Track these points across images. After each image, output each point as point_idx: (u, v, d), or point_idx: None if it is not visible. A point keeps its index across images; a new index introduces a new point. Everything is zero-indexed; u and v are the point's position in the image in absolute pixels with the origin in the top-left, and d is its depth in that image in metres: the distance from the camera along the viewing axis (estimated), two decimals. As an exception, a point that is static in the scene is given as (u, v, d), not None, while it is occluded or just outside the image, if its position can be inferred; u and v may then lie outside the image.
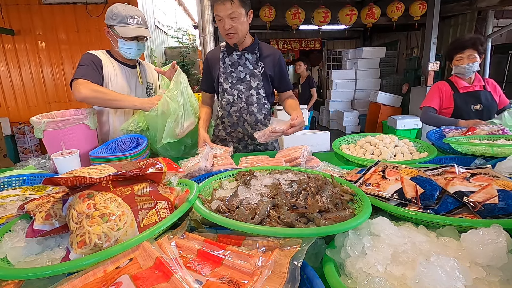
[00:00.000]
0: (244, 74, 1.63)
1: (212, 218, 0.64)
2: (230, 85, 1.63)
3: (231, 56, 1.62)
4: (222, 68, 1.64)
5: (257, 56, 1.64)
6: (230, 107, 1.65)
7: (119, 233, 0.57)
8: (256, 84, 1.65)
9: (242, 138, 1.72)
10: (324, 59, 8.68)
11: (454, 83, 2.01)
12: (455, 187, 0.74)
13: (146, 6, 5.34)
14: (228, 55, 1.63)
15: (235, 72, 1.63)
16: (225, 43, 1.64)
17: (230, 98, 1.64)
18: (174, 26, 7.29)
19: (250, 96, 1.65)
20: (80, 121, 1.29)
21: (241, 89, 1.64)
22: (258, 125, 1.69)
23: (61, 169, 1.11)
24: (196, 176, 1.11)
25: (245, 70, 1.63)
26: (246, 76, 1.63)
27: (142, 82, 1.70)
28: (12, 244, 0.62)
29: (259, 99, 1.67)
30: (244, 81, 1.64)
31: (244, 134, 1.71)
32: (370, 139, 1.45)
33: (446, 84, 2.04)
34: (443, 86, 2.04)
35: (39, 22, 4.41)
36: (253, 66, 1.64)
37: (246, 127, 1.68)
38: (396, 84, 6.91)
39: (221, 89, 1.66)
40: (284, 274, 0.47)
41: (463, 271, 0.47)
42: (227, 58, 1.63)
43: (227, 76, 1.64)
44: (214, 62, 1.67)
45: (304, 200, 0.73)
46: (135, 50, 1.55)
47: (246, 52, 1.62)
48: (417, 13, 4.97)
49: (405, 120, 5.21)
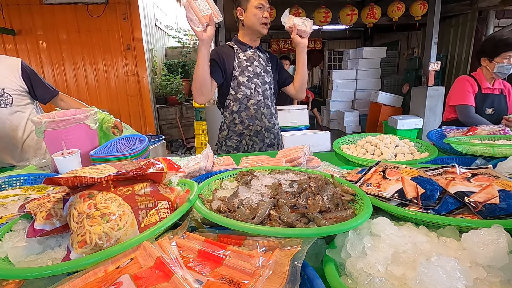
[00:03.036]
0: (260, 69, 1.71)
1: (213, 218, 0.64)
2: (247, 78, 1.68)
3: (245, 52, 1.69)
4: (236, 62, 1.67)
5: (266, 55, 1.79)
6: (248, 100, 1.69)
7: (119, 233, 0.57)
8: (269, 79, 1.76)
9: (260, 131, 1.75)
10: (324, 59, 8.67)
11: (479, 81, 1.92)
12: (455, 187, 0.74)
13: (147, 6, 5.34)
14: (242, 51, 1.69)
15: (251, 66, 1.69)
16: (234, 41, 1.73)
17: (248, 91, 1.68)
18: (174, 26, 7.30)
19: (266, 90, 1.73)
20: (81, 121, 1.29)
21: (258, 83, 1.70)
22: (273, 119, 1.79)
23: (61, 169, 1.11)
24: (197, 176, 1.11)
25: (260, 65, 1.71)
26: (261, 71, 1.71)
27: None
28: (13, 244, 0.62)
29: (271, 94, 1.78)
30: (260, 76, 1.71)
31: (261, 127, 1.74)
32: (371, 139, 1.45)
33: (474, 81, 1.95)
34: (473, 83, 1.94)
35: (40, 22, 4.42)
36: (265, 63, 1.75)
37: (264, 120, 1.73)
38: (396, 84, 6.90)
39: (236, 83, 1.68)
40: (284, 274, 0.47)
41: (464, 272, 0.47)
42: (241, 53, 1.69)
43: (243, 70, 1.67)
44: (226, 56, 1.68)
45: (305, 200, 0.73)
46: None
47: (258, 50, 1.75)
48: (417, 13, 4.96)
49: (406, 120, 5.20)
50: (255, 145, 1.76)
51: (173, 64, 6.19)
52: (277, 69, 1.83)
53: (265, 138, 1.77)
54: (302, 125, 4.23)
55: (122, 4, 4.56)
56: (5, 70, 1.54)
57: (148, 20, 5.34)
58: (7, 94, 1.52)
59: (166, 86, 5.53)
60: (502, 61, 1.84)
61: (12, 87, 1.54)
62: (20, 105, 1.59)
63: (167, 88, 5.54)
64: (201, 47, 1.44)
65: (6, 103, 1.52)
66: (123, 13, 4.59)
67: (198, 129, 4.61)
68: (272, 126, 1.78)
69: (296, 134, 3.78)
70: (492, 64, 1.88)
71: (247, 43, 1.71)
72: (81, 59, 4.69)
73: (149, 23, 5.37)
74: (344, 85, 6.94)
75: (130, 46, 4.74)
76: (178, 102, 5.62)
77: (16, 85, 1.56)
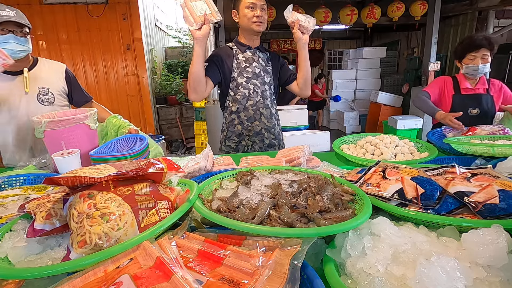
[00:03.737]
0: (259, 69, 1.70)
1: (213, 218, 0.64)
2: (246, 79, 1.68)
3: (244, 53, 1.69)
4: (235, 63, 1.68)
5: (267, 55, 1.77)
6: (246, 101, 1.69)
7: (119, 233, 0.57)
8: (268, 80, 1.74)
9: (260, 132, 1.74)
10: (324, 59, 8.67)
11: (459, 82, 1.91)
12: (455, 187, 0.74)
13: (147, 6, 5.34)
14: (241, 51, 1.69)
15: (250, 67, 1.68)
16: (234, 42, 1.72)
17: (246, 92, 1.68)
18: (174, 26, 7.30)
19: (265, 91, 1.72)
20: (81, 121, 1.29)
21: (256, 84, 1.69)
22: (273, 119, 1.77)
23: (61, 169, 1.11)
24: (197, 176, 1.11)
25: (259, 66, 1.70)
26: (260, 71, 1.70)
27: (28, 90, 1.52)
28: (12, 244, 0.62)
29: (271, 94, 1.77)
30: (259, 76, 1.70)
31: (261, 128, 1.74)
32: (371, 139, 1.45)
33: (451, 81, 1.95)
34: (448, 82, 1.95)
35: (40, 22, 4.41)
36: (265, 63, 1.74)
37: (263, 120, 1.73)
38: (396, 84, 6.91)
39: (234, 84, 1.68)
40: (284, 274, 0.47)
41: (464, 271, 0.47)
42: (240, 54, 1.68)
43: (241, 71, 1.67)
44: (225, 57, 1.69)
45: (305, 200, 0.73)
46: (12, 44, 1.41)
47: (258, 50, 1.73)
48: (417, 13, 4.96)
49: (406, 120, 5.21)
50: (255, 145, 1.76)
51: (173, 64, 6.20)
52: (279, 67, 1.80)
53: (265, 138, 1.76)
54: (302, 125, 4.23)
55: (122, 4, 4.55)
56: (51, 72, 1.66)
57: (148, 20, 5.34)
58: (51, 93, 1.62)
59: (166, 86, 5.53)
60: (468, 62, 1.83)
61: (55, 88, 1.64)
62: (60, 106, 1.66)
63: (167, 88, 5.54)
64: (195, 45, 1.47)
65: (49, 102, 1.61)
66: (123, 13, 4.59)
67: (198, 129, 4.61)
68: (272, 127, 1.77)
69: (296, 134, 3.78)
70: (461, 65, 1.89)
71: (246, 44, 1.70)
72: (80, 59, 4.69)
73: (149, 23, 5.37)
74: (344, 85, 6.94)
75: (130, 46, 4.74)
76: (178, 102, 5.62)
77: (59, 86, 1.66)
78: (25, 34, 1.48)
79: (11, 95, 1.51)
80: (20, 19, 1.44)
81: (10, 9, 1.43)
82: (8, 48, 1.41)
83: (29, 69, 1.56)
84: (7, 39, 1.41)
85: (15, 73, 1.52)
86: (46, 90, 1.60)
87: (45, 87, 1.60)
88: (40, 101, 1.58)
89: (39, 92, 1.57)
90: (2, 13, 1.39)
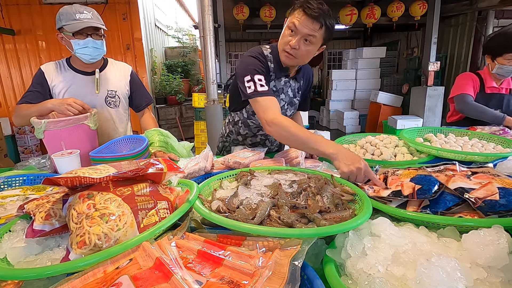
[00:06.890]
0: (284, 102, 1.47)
1: (212, 218, 0.63)
2: None
3: (278, 81, 1.40)
4: None
5: (299, 84, 1.50)
6: (258, 131, 1.54)
7: (119, 234, 0.57)
8: (290, 113, 1.54)
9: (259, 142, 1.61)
10: (324, 59, 8.67)
11: (484, 79, 1.80)
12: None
13: (146, 6, 5.34)
14: (275, 78, 1.38)
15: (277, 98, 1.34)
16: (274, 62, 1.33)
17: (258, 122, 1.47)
18: (174, 26, 7.30)
19: None
20: (81, 121, 1.29)
21: None
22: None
23: (61, 169, 1.11)
24: (196, 176, 1.11)
25: (285, 98, 1.47)
26: (284, 105, 1.48)
27: (98, 91, 1.54)
28: (12, 244, 0.62)
29: None
30: (282, 109, 1.45)
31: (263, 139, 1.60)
32: (371, 139, 1.44)
33: (476, 78, 1.83)
34: (475, 79, 1.83)
35: (40, 22, 4.42)
36: (293, 94, 1.49)
37: (267, 144, 1.62)
38: (396, 84, 6.90)
39: (251, 111, 1.45)
40: (284, 275, 0.47)
41: (464, 272, 0.47)
42: (273, 81, 1.39)
43: None
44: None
45: (305, 200, 0.73)
46: (91, 49, 1.43)
47: (293, 79, 1.46)
48: (417, 13, 4.97)
49: (406, 120, 5.21)
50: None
51: (173, 64, 6.20)
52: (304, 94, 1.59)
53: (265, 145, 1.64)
54: (302, 125, 4.23)
55: (121, 4, 4.55)
56: (119, 74, 1.66)
57: (148, 20, 5.34)
58: (117, 96, 1.63)
59: (166, 86, 5.53)
60: (503, 62, 1.71)
61: (122, 91, 1.66)
62: (123, 108, 1.68)
63: (166, 88, 5.54)
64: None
65: (115, 104, 1.62)
66: (123, 13, 4.59)
67: (197, 129, 4.61)
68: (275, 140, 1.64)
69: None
70: (493, 63, 1.77)
71: (284, 68, 1.37)
72: (80, 59, 4.69)
73: (148, 23, 5.37)
74: (343, 85, 6.94)
75: (129, 46, 4.74)
76: (177, 102, 5.62)
77: (125, 90, 1.67)
78: (101, 36, 1.48)
79: (84, 96, 1.51)
80: (98, 21, 1.43)
81: (87, 10, 1.41)
82: (87, 53, 1.43)
83: (100, 70, 1.56)
84: (86, 44, 1.42)
85: (88, 73, 1.54)
86: (113, 93, 1.61)
87: (113, 90, 1.61)
88: (107, 103, 1.59)
89: (107, 94, 1.59)
90: (81, 16, 1.37)
